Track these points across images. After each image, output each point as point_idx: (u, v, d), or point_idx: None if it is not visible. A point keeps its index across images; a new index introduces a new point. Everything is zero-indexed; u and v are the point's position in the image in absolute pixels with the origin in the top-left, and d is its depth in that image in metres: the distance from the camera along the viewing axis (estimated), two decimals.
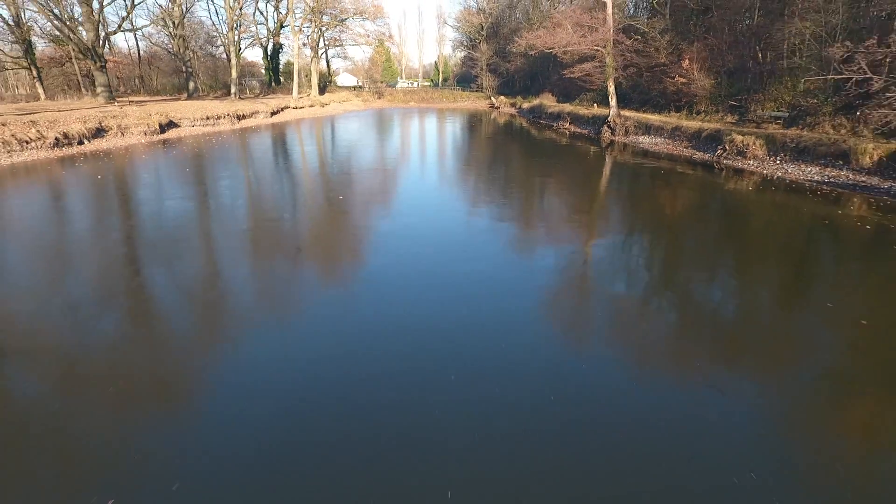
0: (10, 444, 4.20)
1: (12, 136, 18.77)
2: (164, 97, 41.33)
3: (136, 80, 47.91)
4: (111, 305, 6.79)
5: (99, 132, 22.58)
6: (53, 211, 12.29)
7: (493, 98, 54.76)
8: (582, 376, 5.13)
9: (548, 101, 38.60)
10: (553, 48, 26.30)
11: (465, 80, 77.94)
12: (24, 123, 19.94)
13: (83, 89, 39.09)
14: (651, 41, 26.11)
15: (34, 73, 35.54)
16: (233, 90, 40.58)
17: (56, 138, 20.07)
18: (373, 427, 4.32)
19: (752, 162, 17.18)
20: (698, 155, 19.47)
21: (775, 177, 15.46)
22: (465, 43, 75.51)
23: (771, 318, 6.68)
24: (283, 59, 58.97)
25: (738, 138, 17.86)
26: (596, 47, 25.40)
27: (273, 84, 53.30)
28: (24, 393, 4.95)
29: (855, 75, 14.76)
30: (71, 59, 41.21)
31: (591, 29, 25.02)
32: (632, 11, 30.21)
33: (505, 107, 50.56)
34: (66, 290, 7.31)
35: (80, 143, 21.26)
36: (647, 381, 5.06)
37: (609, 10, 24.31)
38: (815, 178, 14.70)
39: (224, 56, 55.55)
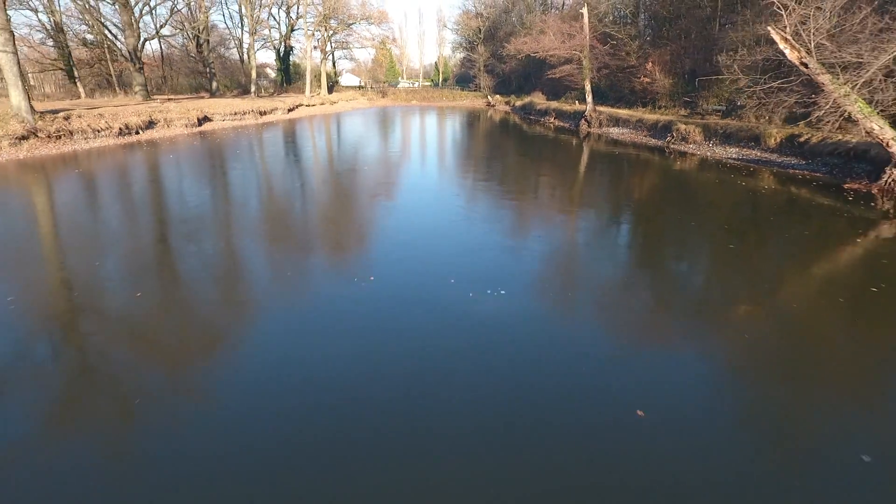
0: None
1: (88, 125, 22.84)
2: (189, 95, 45.33)
3: (160, 80, 51.92)
4: (196, 235, 10.86)
5: (150, 124, 26.63)
6: (142, 182, 16.34)
7: (489, 97, 58.76)
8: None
9: (537, 99, 42.60)
10: (538, 52, 30.38)
11: (463, 80, 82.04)
12: (95, 116, 24.01)
13: (116, 88, 43.09)
14: (623, 46, 30.16)
15: (76, 73, 39.58)
16: (252, 89, 44.63)
17: (120, 128, 24.14)
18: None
19: (692, 146, 21.23)
20: (653, 142, 23.50)
21: (708, 156, 19.47)
22: (463, 45, 79.63)
23: (687, 247, 10.72)
24: (291, 60, 63.08)
25: (683, 127, 21.92)
26: (574, 52, 29.47)
27: (284, 84, 57.32)
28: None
29: (745, 76, 18.79)
30: (101, 60, 45.30)
31: (570, 36, 29.09)
32: (611, 18, 34.16)
33: (500, 105, 54.56)
34: (161, 232, 11.37)
35: (137, 133, 25.30)
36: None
37: (585, 20, 28.36)
38: (735, 156, 18.74)
39: (234, 57, 59.87)
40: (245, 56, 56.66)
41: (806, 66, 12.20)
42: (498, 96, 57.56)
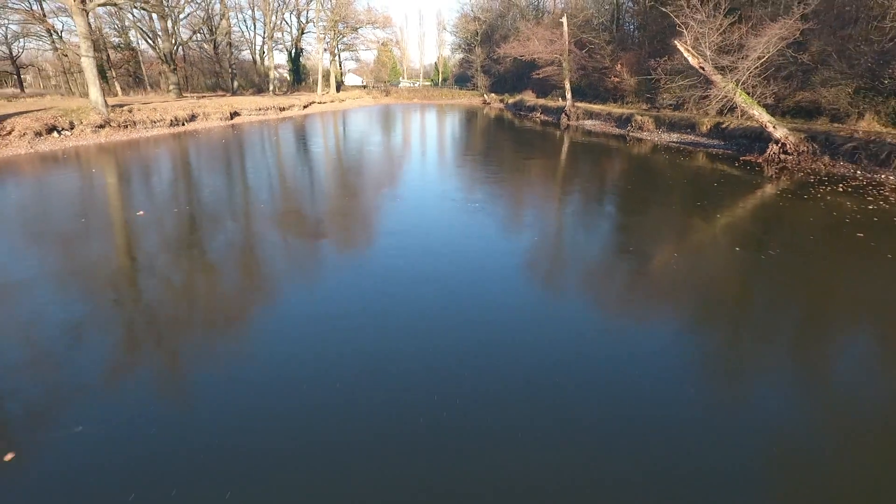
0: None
1: (147, 117, 27.48)
2: (212, 93, 49.93)
3: (183, 79, 56.55)
4: (255, 190, 15.53)
5: (192, 117, 31.25)
6: (199, 160, 20.99)
7: (485, 95, 63.39)
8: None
9: (527, 97, 47.23)
10: (524, 55, 35.03)
11: (462, 79, 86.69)
12: (150, 110, 28.65)
13: (147, 87, 47.71)
14: (598, 50, 34.80)
15: (113, 73, 44.22)
16: (271, 88, 49.28)
17: (171, 120, 28.78)
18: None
19: (646, 133, 25.87)
20: (617, 130, 28.14)
21: (657, 141, 24.08)
22: (462, 46, 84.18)
23: (625, 201, 15.37)
24: (301, 61, 67.69)
25: (639, 118, 26.58)
26: (556, 55, 34.11)
27: (295, 84, 61.93)
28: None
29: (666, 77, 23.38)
30: (129, 62, 50.00)
31: (552, 42, 33.74)
32: (590, 25, 38.72)
33: (495, 102, 59.18)
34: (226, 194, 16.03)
35: (183, 124, 29.92)
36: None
37: (565, 28, 32.99)
38: (677, 140, 23.36)
39: (246, 58, 64.62)
40: (257, 57, 61.37)
41: (703, 69, 16.84)
42: (493, 95, 62.19)
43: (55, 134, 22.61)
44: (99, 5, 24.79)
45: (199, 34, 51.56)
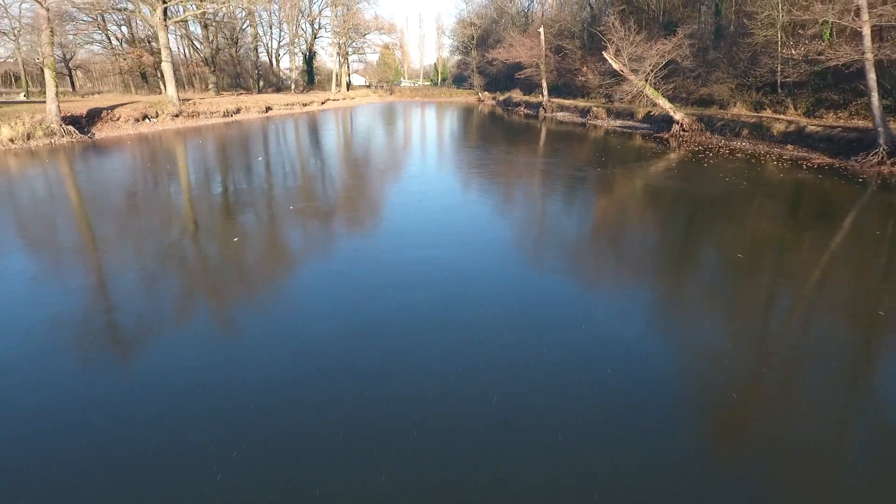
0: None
1: (206, 109, 34.72)
2: (236, 92, 57.11)
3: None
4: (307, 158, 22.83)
5: (237, 110, 38.48)
6: (253, 141, 28.21)
7: (480, 94, 70.62)
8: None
9: (515, 95, 54.45)
10: (509, 59, 42.27)
11: (459, 79, 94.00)
12: (207, 104, 35.88)
13: (186, 86, 54.88)
14: (570, 54, 42.03)
15: (158, 74, 51.38)
16: (292, 87, 56.53)
17: (223, 112, 36.01)
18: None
19: (600, 121, 33.10)
20: (580, 119, 35.36)
21: (608, 127, 31.27)
22: (459, 49, 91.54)
23: (573, 167, 22.66)
24: (313, 63, 74.86)
25: (595, 109, 33.83)
26: (535, 59, 41.36)
27: (310, 83, 69.15)
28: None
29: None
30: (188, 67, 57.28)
31: (531, 48, 40.98)
32: (566, 33, 45.89)
33: (488, 100, 66.37)
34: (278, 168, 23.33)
35: (231, 115, 37.13)
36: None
37: (542, 37, 40.24)
38: (620, 126, 30.57)
39: (263, 60, 71.93)
40: (273, 59, 68.56)
41: (622, 71, 24.08)
42: (487, 93, 69.40)
43: (147, 120, 29.85)
44: (175, 22, 31.96)
45: (227, 41, 58.74)
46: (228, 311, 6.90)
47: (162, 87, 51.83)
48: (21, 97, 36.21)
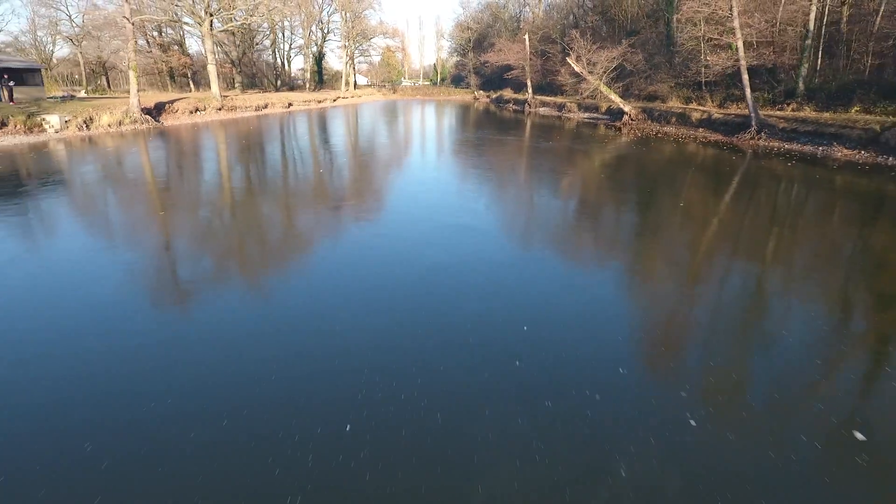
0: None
1: (242, 104, 41.21)
2: (260, 90, 63.55)
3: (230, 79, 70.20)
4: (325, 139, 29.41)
5: (265, 105, 44.96)
6: (278, 129, 34.70)
7: (475, 92, 77.13)
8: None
9: (506, 93, 60.97)
10: (499, 62, 48.74)
11: (457, 79, 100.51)
12: (241, 99, 42.36)
13: (222, 87, 61.18)
14: (551, 57, 48.51)
15: (188, 74, 57.89)
16: (307, 86, 63.01)
17: (255, 107, 42.49)
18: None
19: (572, 114, 39.61)
20: (556, 113, 41.87)
21: (578, 118, 37.76)
22: (457, 51, 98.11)
23: (547, 149, 29.21)
24: (322, 64, 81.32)
25: (569, 104, 40.37)
26: (521, 62, 47.84)
27: (319, 83, 75.62)
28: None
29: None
30: (191, 65, 63.64)
31: (517, 52, 47.43)
32: (550, 37, 52.37)
33: (483, 98, 72.85)
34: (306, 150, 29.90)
35: (260, 109, 43.59)
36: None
37: (526, 42, 46.73)
38: (587, 117, 37.07)
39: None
40: (285, 61, 75.01)
41: (582, 73, 30.57)
42: (482, 92, 75.90)
43: (197, 112, 36.31)
44: (220, 31, 38.43)
45: (247, 45, 65.17)
46: (301, 226, 13.36)
47: (192, 85, 58.48)
48: (81, 93, 42.59)
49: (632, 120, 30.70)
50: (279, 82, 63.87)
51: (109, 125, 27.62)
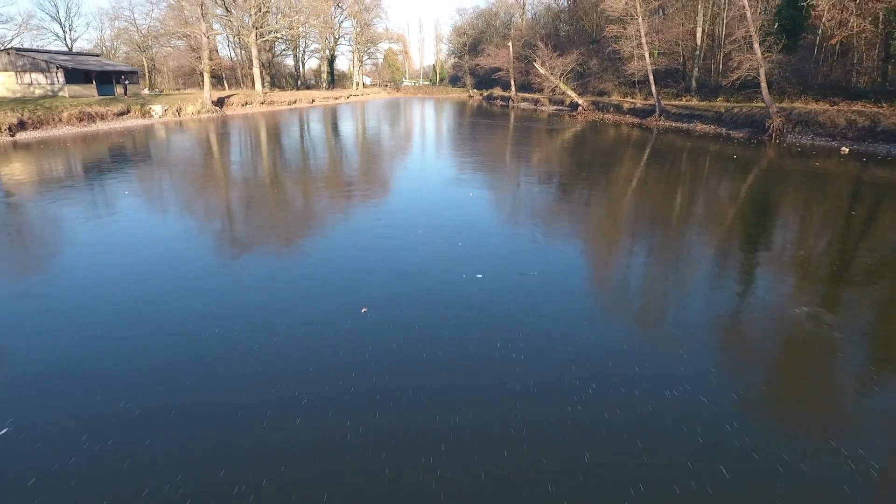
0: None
1: (277, 99, 50.87)
2: (282, 88, 73.05)
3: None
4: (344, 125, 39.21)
5: (294, 101, 54.60)
6: (313, 117, 44.36)
7: (470, 91, 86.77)
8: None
9: (496, 92, 70.61)
10: (488, 65, 58.37)
11: (454, 79, 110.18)
12: (276, 95, 52.01)
13: (242, 84, 70.75)
14: (532, 60, 58.07)
15: (223, 74, 67.43)
16: (324, 85, 72.65)
17: (287, 102, 52.16)
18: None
19: (544, 107, 49.29)
20: (533, 107, 51.57)
21: (549, 110, 47.40)
22: (454, 53, 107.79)
23: (522, 133, 38.97)
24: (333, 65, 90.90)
25: (542, 99, 50.08)
26: (506, 65, 57.49)
27: (332, 83, 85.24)
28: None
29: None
30: (239, 67, 73.23)
31: (503, 57, 57.07)
32: (532, 41, 61.94)
33: (477, 96, 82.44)
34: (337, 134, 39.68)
35: (291, 104, 53.23)
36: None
37: (510, 49, 56.42)
38: (554, 109, 46.74)
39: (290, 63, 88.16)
40: (300, 63, 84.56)
41: (545, 74, 40.18)
42: (476, 91, 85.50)
43: (246, 105, 45.97)
44: (264, 40, 48.02)
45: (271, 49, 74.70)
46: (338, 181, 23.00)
47: (225, 84, 68.09)
48: (145, 91, 52.17)
49: (584, 110, 40.35)
50: (299, 82, 73.46)
51: (192, 113, 37.25)
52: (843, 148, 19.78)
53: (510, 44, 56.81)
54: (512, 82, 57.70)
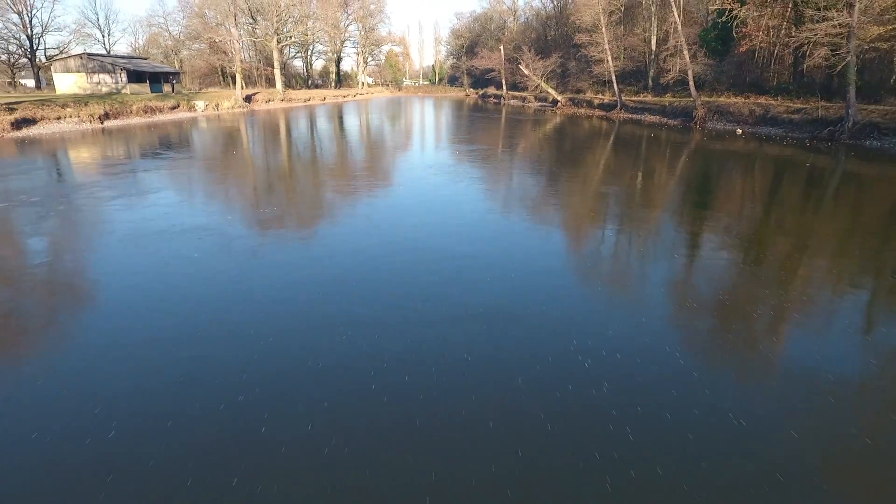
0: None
1: (295, 97, 57.45)
2: (293, 88, 79.51)
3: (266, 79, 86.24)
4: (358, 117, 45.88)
5: (309, 99, 61.13)
6: (329, 112, 50.98)
7: (467, 90, 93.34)
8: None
9: (490, 90, 77.22)
10: (482, 66, 64.96)
11: (452, 79, 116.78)
12: (293, 94, 58.59)
13: (262, 84, 77.21)
14: (519, 63, 64.62)
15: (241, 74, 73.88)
16: (332, 85, 79.19)
17: (303, 100, 58.72)
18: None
19: (530, 104, 55.89)
20: (521, 104, 58.15)
21: (534, 106, 53.98)
22: (453, 54, 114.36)
23: (510, 125, 45.62)
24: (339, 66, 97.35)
25: (528, 97, 56.70)
26: (497, 67, 64.04)
27: (339, 83, 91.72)
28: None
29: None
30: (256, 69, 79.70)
31: (495, 59, 63.61)
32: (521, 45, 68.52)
33: (472, 95, 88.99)
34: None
35: (306, 101, 59.76)
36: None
37: (501, 52, 62.99)
38: (539, 105, 53.32)
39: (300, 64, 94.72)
40: (308, 64, 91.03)
41: (528, 75, 46.69)
42: (472, 90, 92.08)
43: (269, 102, 52.52)
44: (286, 45, 54.51)
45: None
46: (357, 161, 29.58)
47: (244, 84, 74.61)
48: (185, 90, 58.61)
49: (562, 105, 46.95)
50: (310, 82, 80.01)
51: (227, 108, 43.80)
52: (738, 130, 26.37)
53: (502, 47, 63.42)
54: (503, 82, 64.29)
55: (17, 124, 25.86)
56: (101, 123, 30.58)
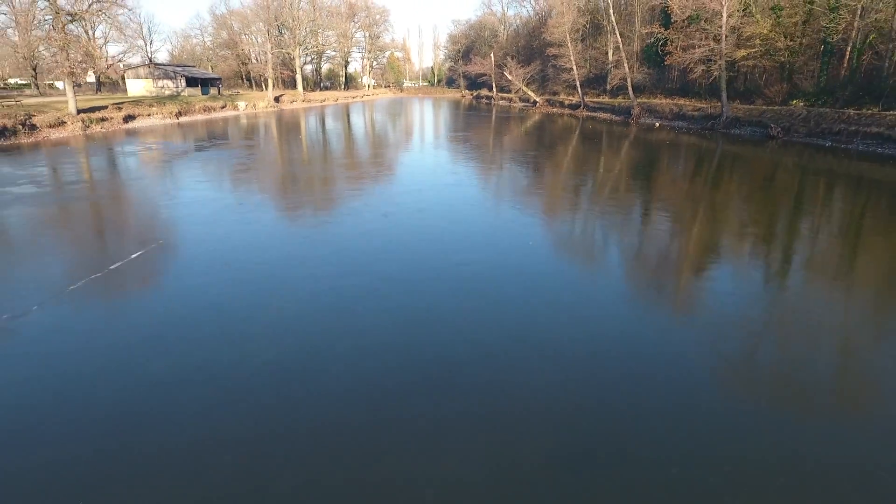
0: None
1: (311, 98, 66.71)
2: (308, 90, 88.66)
3: (282, 81, 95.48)
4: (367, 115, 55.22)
5: (324, 100, 70.34)
6: (347, 110, 60.26)
7: (463, 92, 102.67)
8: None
9: (482, 92, 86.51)
10: (475, 71, 74.32)
11: (450, 81, 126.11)
12: (310, 94, 67.84)
13: (280, 87, 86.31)
14: (509, 68, 73.89)
15: (261, 78, 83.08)
16: (340, 87, 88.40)
17: (319, 101, 67.94)
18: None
19: (516, 104, 65.14)
20: (508, 104, 67.42)
21: (519, 106, 63.23)
22: (450, 58, 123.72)
23: (500, 123, 54.92)
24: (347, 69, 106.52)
25: (513, 97, 66.03)
26: (488, 71, 73.38)
27: (346, 85, 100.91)
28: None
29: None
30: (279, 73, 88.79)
31: (487, 65, 72.95)
32: (509, 52, 77.90)
33: (468, 96, 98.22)
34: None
35: (322, 102, 68.96)
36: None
37: (492, 58, 72.32)
38: (522, 105, 62.58)
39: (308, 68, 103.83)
40: (318, 68, 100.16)
41: (514, 79, 55.93)
42: (468, 91, 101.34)
43: (293, 102, 61.72)
44: (305, 53, 63.70)
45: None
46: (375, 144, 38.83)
47: (264, 86, 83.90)
48: (226, 92, 67.72)
49: (541, 105, 56.22)
50: (321, 84, 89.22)
51: (262, 107, 53.02)
52: (657, 123, 35.68)
53: (492, 54, 72.71)
54: (493, 85, 73.61)
55: (126, 119, 35.05)
56: (177, 119, 39.77)
